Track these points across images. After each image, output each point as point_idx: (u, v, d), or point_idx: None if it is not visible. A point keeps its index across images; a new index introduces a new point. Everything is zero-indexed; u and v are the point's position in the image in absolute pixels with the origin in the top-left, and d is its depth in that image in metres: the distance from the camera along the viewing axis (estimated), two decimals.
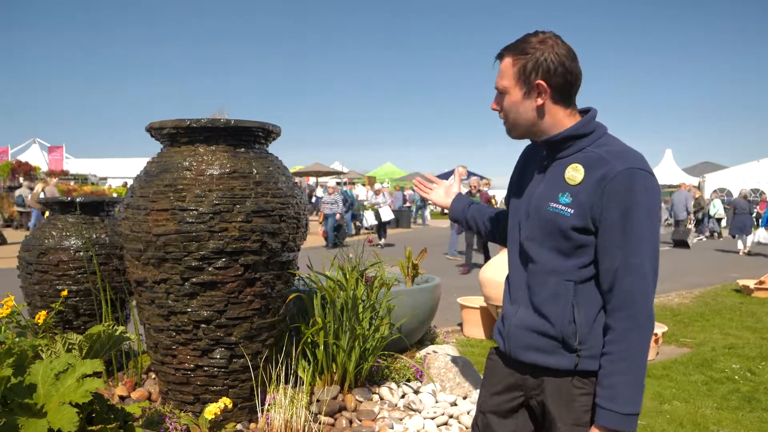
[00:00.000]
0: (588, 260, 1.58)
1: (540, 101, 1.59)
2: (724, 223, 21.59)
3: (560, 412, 1.64)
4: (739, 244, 15.24)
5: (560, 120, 1.61)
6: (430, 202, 2.20)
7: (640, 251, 1.50)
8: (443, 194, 2.16)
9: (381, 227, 17.27)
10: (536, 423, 1.76)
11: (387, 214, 17.59)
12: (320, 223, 15.83)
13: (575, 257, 1.59)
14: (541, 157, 1.70)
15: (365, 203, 19.57)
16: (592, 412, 1.60)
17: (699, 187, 22.35)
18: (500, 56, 1.63)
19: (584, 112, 1.65)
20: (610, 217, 1.51)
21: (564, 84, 1.57)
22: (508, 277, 1.81)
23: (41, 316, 2.73)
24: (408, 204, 25.85)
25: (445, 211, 2.20)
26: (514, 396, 1.75)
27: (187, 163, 2.70)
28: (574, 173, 1.58)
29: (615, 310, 1.53)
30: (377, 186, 21.46)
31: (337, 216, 15.57)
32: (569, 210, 1.56)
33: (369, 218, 17.68)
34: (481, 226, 2.07)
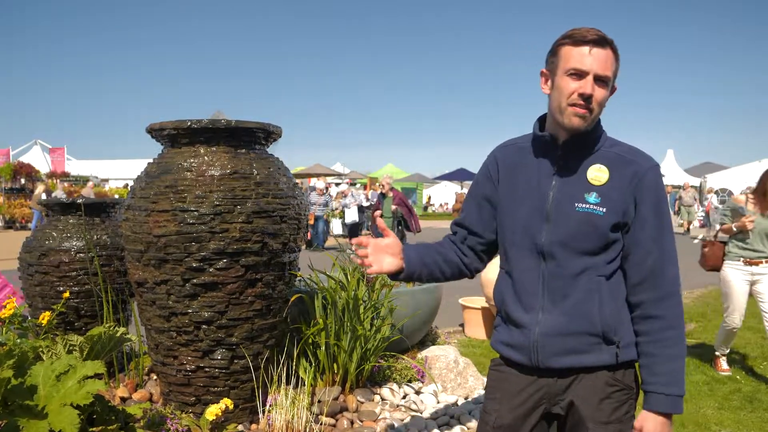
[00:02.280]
0: (614, 256, 1.62)
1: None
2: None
3: (590, 411, 1.63)
4: None
5: None
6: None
7: (671, 243, 1.61)
8: (390, 258, 1.73)
9: (352, 230, 15.98)
10: None
11: (351, 216, 16.07)
12: (310, 225, 15.33)
13: (603, 254, 1.61)
14: (550, 158, 1.66)
15: (331, 208, 17.06)
16: (630, 408, 1.64)
17: (701, 187, 22.39)
18: (604, 43, 1.57)
19: None
20: (644, 212, 1.58)
21: None
22: (511, 282, 1.72)
23: (45, 317, 2.73)
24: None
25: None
26: (536, 405, 1.68)
27: (187, 164, 2.70)
28: (599, 174, 1.61)
29: (663, 300, 1.59)
30: (343, 187, 18.22)
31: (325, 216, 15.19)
32: (601, 209, 1.58)
33: (337, 225, 16.20)
34: (447, 273, 1.83)
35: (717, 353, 5.27)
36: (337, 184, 23.65)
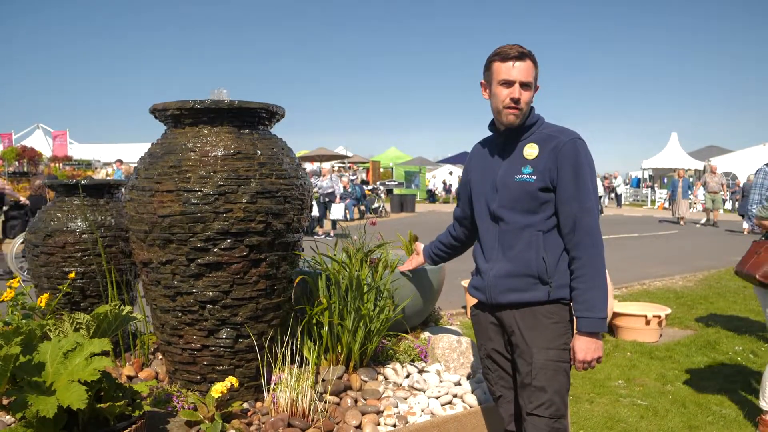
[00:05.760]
0: (550, 213, 2.07)
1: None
2: (606, 201, 26.08)
3: (533, 338, 2.07)
4: (745, 224, 15.66)
5: None
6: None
7: (589, 198, 2.01)
8: (417, 257, 3.04)
9: (323, 216, 14.72)
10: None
11: (337, 213, 14.33)
12: None
13: (540, 212, 2.06)
14: (497, 145, 2.19)
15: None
16: (567, 339, 2.08)
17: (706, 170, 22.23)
18: (524, 57, 2.02)
19: None
20: (564, 176, 2.01)
21: None
22: (479, 242, 2.27)
23: (43, 300, 2.72)
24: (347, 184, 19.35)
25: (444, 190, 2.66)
26: (499, 333, 2.24)
27: (191, 145, 2.70)
28: (531, 150, 2.08)
29: (580, 244, 2.01)
30: (326, 167, 16.27)
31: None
32: (532, 177, 2.05)
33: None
34: (450, 251, 2.72)
35: (764, 407, 3.58)
36: (338, 168, 23.34)
